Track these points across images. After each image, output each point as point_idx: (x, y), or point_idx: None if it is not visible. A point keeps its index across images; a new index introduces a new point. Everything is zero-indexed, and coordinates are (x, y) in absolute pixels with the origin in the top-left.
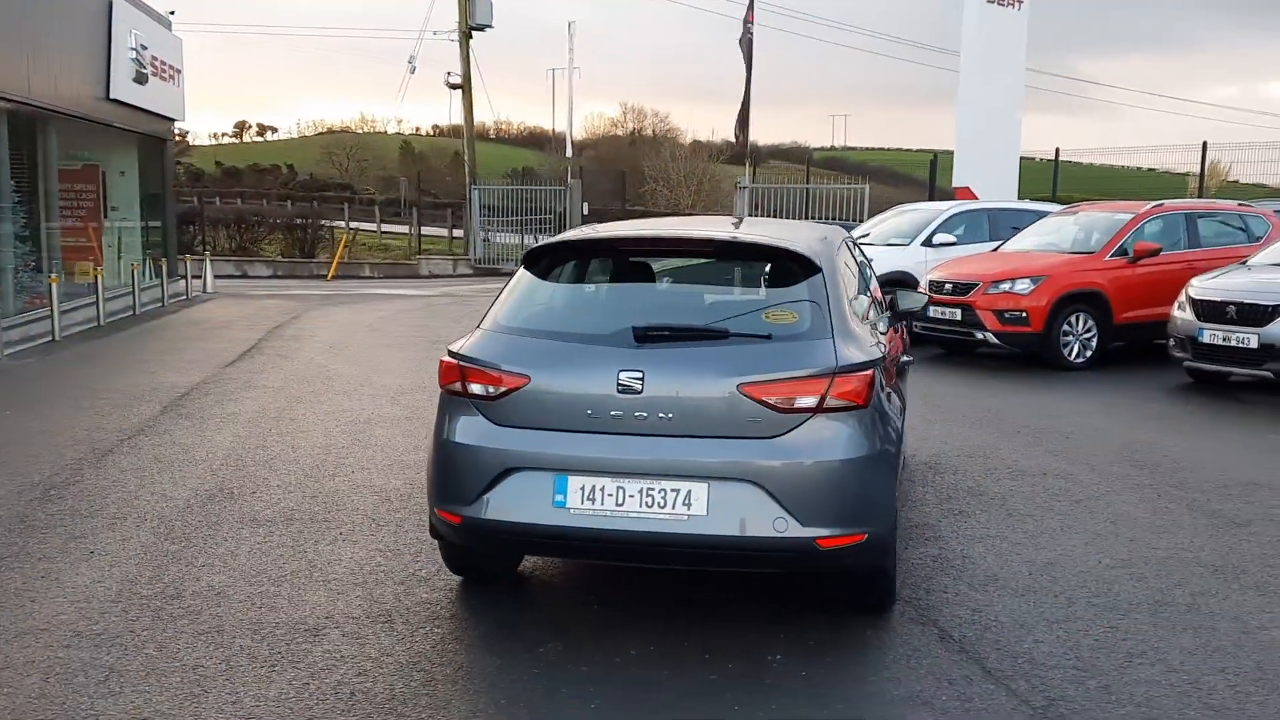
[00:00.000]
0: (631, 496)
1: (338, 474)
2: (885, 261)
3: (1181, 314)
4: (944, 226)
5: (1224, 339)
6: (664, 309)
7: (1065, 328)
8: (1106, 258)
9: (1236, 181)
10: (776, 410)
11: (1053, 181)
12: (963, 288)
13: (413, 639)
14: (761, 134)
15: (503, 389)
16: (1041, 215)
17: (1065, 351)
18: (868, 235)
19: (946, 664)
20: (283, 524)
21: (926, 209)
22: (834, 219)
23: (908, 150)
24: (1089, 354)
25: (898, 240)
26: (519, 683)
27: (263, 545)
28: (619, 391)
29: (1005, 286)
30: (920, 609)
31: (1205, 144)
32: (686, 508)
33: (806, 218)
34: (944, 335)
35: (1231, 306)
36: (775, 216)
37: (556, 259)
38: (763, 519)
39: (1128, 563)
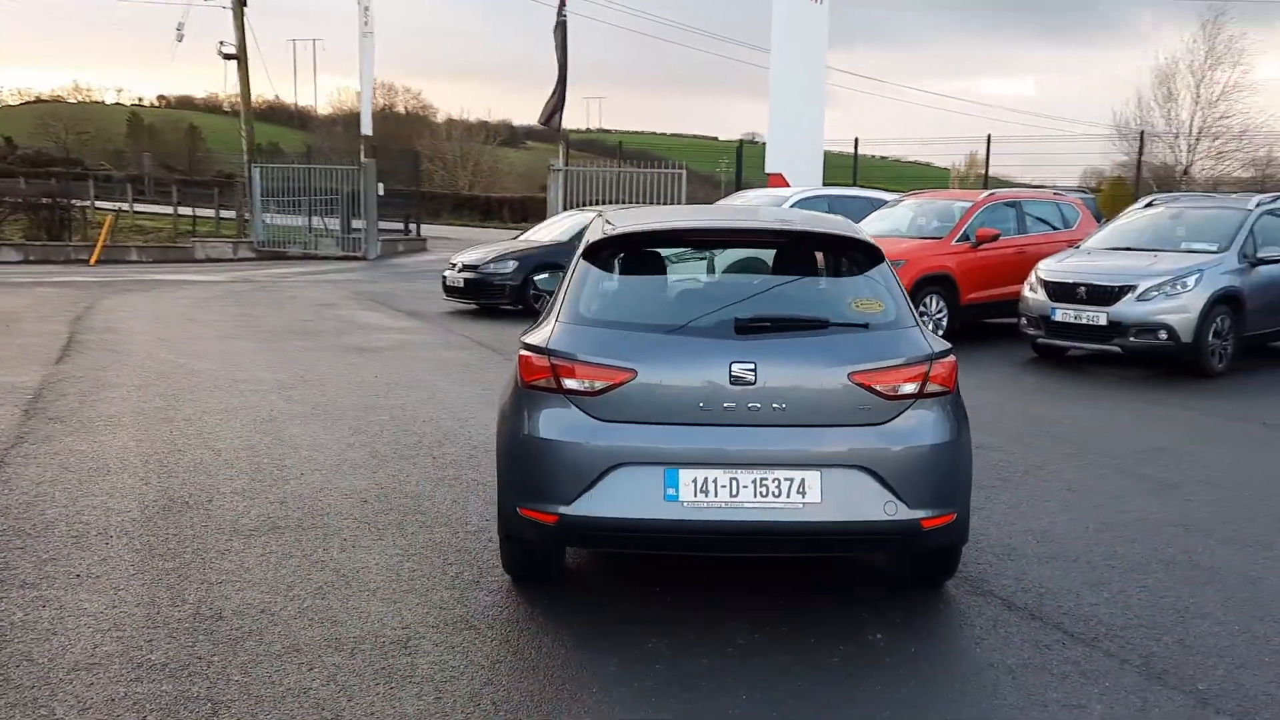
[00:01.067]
0: (745, 487)
1: (288, 477)
2: None
3: (1034, 295)
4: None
5: (1075, 317)
6: (752, 299)
7: (921, 309)
8: (953, 242)
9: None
10: (884, 398)
11: (853, 171)
12: None
13: (510, 643)
14: (516, 114)
15: (607, 384)
16: (878, 203)
17: None
18: None
19: (1031, 631)
20: (272, 533)
21: (770, 196)
22: (650, 202)
23: (665, 135)
24: (940, 333)
25: None
26: (648, 678)
27: (269, 557)
28: (731, 383)
29: None
30: (969, 582)
31: (990, 137)
32: (801, 496)
33: (620, 202)
34: None
35: (1082, 288)
36: (591, 202)
37: (621, 250)
38: (874, 503)
39: (1111, 526)
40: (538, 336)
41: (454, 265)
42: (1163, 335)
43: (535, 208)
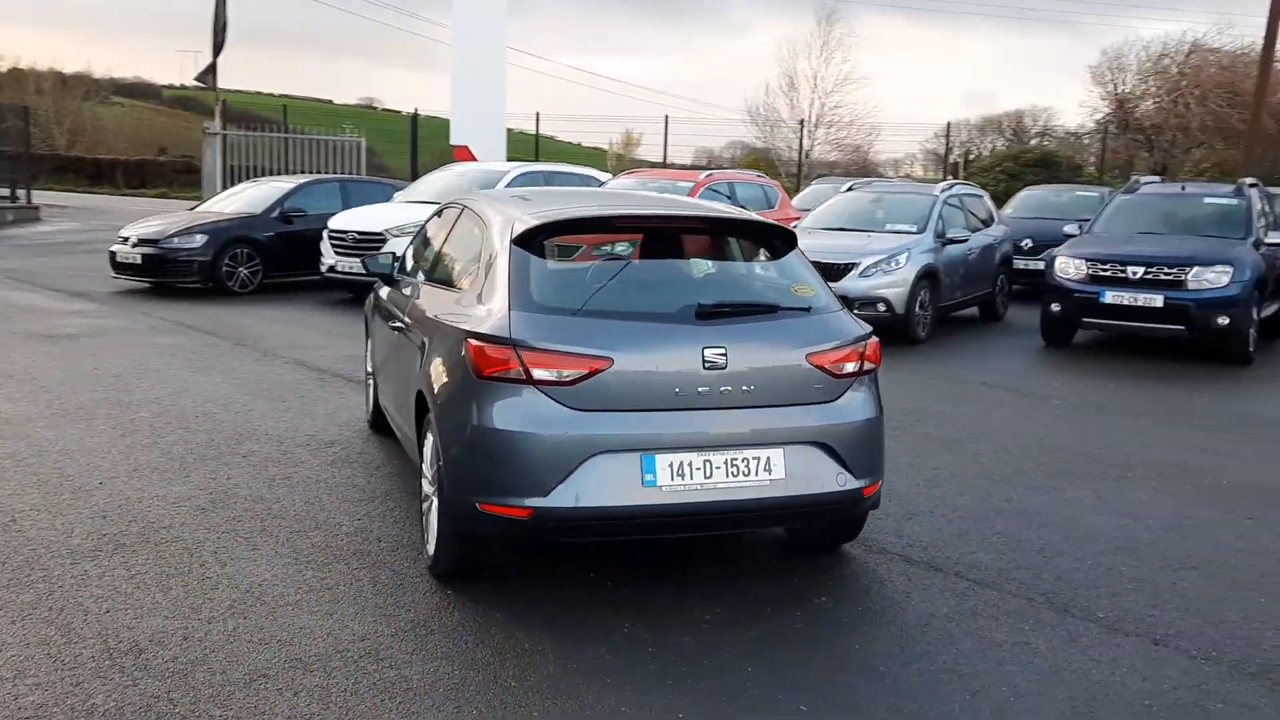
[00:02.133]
0: (718, 468)
1: (85, 487)
2: None
3: None
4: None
5: None
6: (704, 285)
7: None
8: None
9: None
10: (834, 377)
11: (535, 145)
12: None
13: (490, 643)
14: (119, 68)
15: (583, 372)
16: (590, 179)
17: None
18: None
19: (941, 581)
20: (121, 551)
21: (487, 170)
22: (326, 172)
23: (276, 95)
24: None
25: None
26: (650, 661)
27: (141, 578)
28: (705, 368)
29: None
30: (861, 542)
31: (667, 118)
32: (768, 473)
33: (290, 171)
34: None
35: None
36: (257, 170)
37: (554, 236)
38: (829, 476)
39: (935, 482)
40: (486, 325)
41: (125, 239)
42: (881, 308)
43: (156, 171)
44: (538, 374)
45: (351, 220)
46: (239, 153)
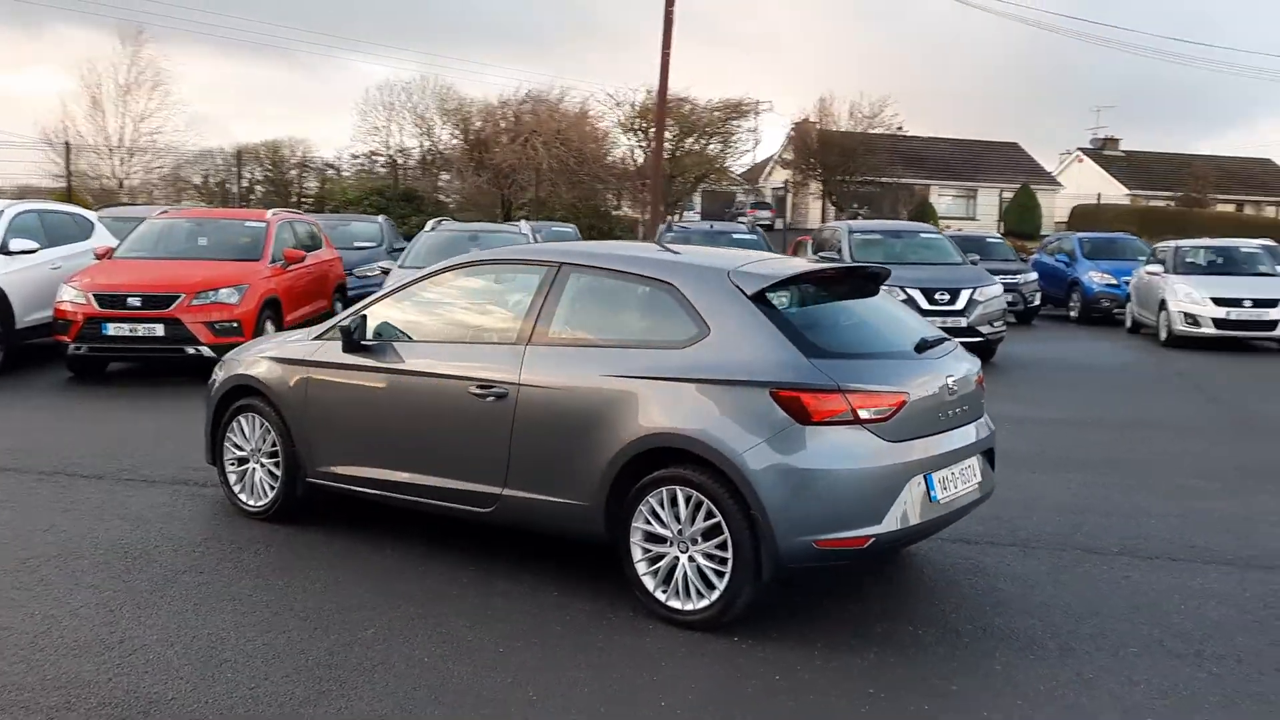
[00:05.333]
0: (958, 478)
1: None
2: None
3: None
4: (14, 230)
5: None
6: (894, 322)
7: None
8: (269, 264)
9: None
10: (982, 393)
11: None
12: (160, 300)
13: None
14: None
15: (893, 407)
16: (84, 219)
17: None
18: None
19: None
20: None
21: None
22: None
23: None
24: None
25: None
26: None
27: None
28: (948, 394)
29: (213, 296)
30: None
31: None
32: (975, 479)
33: None
34: (142, 354)
35: None
36: None
37: (785, 290)
38: (989, 476)
39: None
40: (790, 374)
41: None
42: None
43: None
44: (863, 413)
45: None
46: None
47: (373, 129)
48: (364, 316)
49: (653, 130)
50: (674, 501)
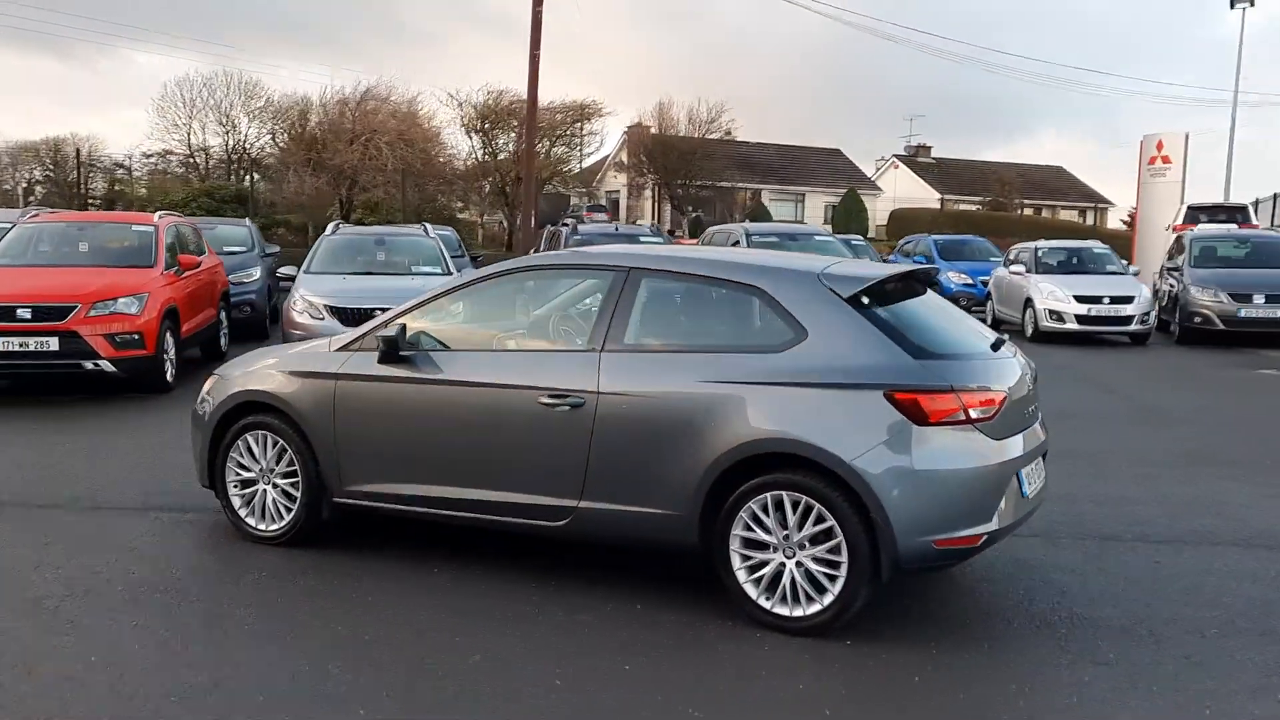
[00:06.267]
0: (1035, 474)
1: None
2: None
3: (319, 321)
4: None
5: None
6: (960, 322)
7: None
8: (163, 270)
9: None
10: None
11: None
12: (54, 311)
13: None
14: None
15: (997, 406)
16: None
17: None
18: None
19: None
20: None
21: None
22: None
23: None
24: (172, 375)
25: None
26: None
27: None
28: (1028, 392)
29: (112, 306)
30: None
31: None
32: (1041, 476)
33: None
34: (33, 370)
35: (378, 310)
36: None
37: (872, 293)
38: (1045, 472)
39: None
40: (897, 375)
41: None
42: None
43: None
44: (973, 413)
45: None
46: None
47: (172, 125)
48: (404, 325)
49: (495, 131)
50: (778, 507)
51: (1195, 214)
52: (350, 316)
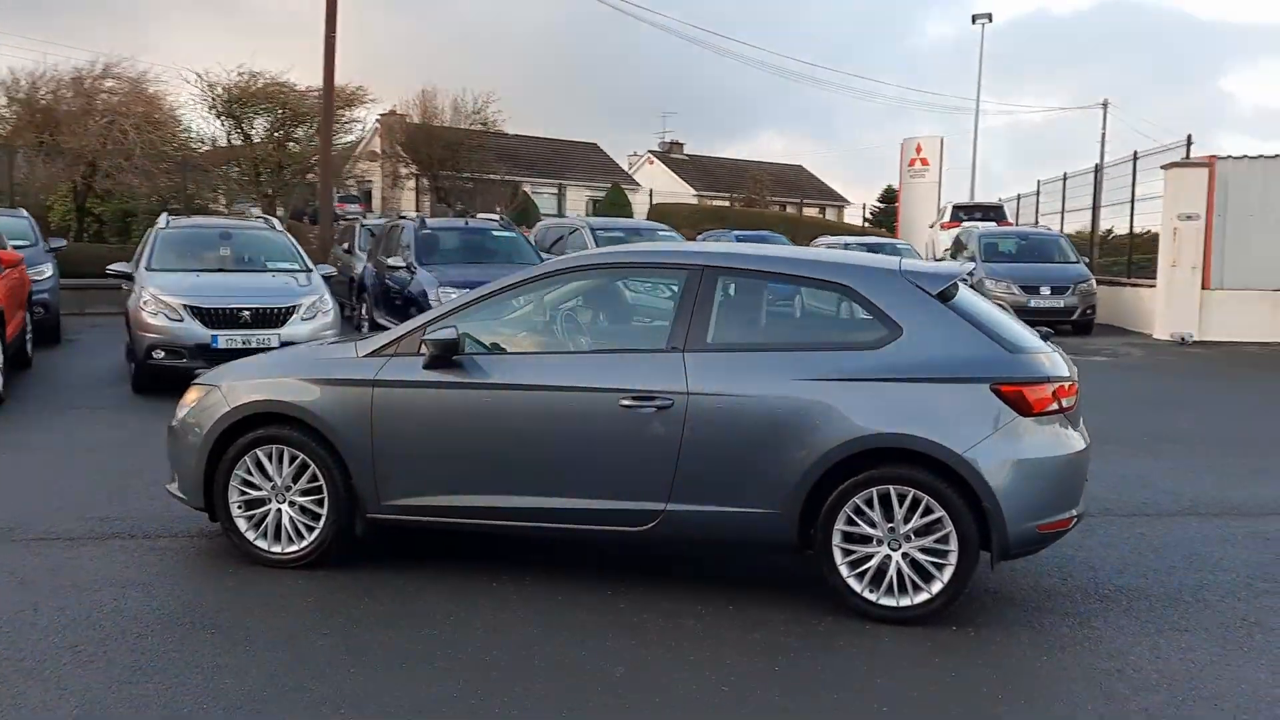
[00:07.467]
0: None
1: None
2: None
3: (173, 322)
4: None
5: (245, 342)
6: (1010, 319)
7: None
8: None
9: None
10: None
11: None
12: None
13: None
14: None
15: (1075, 396)
16: None
17: None
18: None
19: None
20: None
21: None
22: None
23: None
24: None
25: None
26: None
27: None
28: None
29: None
30: None
31: None
32: None
33: None
34: None
35: (246, 312)
36: None
37: (952, 290)
38: None
39: None
40: (1002, 370)
41: None
42: None
43: None
44: (1065, 403)
45: None
46: None
47: None
48: (455, 327)
49: (246, 115)
50: (884, 500)
51: (957, 212)
52: (215, 318)
